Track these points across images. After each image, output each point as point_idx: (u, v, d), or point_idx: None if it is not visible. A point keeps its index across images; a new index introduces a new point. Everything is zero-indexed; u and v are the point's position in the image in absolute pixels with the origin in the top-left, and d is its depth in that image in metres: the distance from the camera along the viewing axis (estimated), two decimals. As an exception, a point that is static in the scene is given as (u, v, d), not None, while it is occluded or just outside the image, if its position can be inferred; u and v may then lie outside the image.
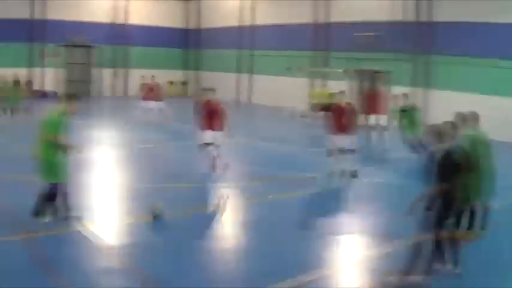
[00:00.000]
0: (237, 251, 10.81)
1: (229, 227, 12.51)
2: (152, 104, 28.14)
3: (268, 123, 32.62)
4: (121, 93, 45.18)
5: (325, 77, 35.70)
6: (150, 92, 28.51)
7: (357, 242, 11.33)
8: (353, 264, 9.96)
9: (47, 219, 11.37)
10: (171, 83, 47.21)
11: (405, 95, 21.04)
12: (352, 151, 16.85)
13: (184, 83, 48.20)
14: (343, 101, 17.22)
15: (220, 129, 17.01)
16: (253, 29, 42.39)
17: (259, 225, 12.11)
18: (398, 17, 30.76)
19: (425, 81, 30.26)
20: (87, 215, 12.20)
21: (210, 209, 13.56)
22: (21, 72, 40.35)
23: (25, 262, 9.40)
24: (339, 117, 16.87)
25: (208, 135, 17.05)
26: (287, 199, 14.57)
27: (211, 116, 17.12)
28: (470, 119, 10.72)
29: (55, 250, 10.06)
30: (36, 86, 41.49)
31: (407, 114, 20.32)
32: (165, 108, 27.95)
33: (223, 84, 43.93)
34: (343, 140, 16.73)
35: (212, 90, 17.97)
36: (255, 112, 39.34)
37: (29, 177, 12.25)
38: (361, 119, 20.60)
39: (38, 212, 11.34)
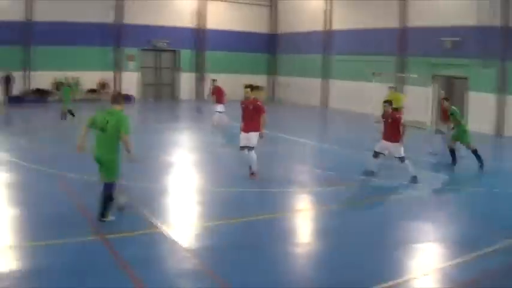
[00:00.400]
0: (312, 258, 10.72)
1: (303, 233, 12.43)
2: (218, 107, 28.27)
3: (344, 128, 32.36)
4: (203, 96, 45.62)
5: (403, 82, 35.22)
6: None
7: (435, 250, 11.05)
8: (431, 273, 9.78)
9: (110, 218, 11.67)
10: (257, 87, 47.57)
11: (445, 99, 20.60)
12: (400, 159, 16.88)
13: (259, 87, 48.31)
14: (391, 110, 17.19)
15: (255, 130, 16.45)
16: (331, 34, 42.25)
17: (334, 232, 11.99)
18: (476, 21, 30.13)
19: (503, 87, 29.53)
20: (164, 217, 12.44)
21: (284, 214, 13.53)
22: (107, 76, 41.82)
23: (105, 262, 9.61)
24: (384, 124, 17.26)
25: (243, 138, 16.65)
26: (363, 206, 14.43)
27: (246, 115, 16.71)
28: None
29: (133, 251, 10.24)
30: (122, 90, 42.59)
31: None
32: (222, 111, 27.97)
33: (301, 89, 44.26)
34: (385, 146, 17.14)
35: (248, 87, 16.96)
36: (332, 117, 39.18)
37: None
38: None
39: (103, 213, 11.63)
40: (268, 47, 49.06)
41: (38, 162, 17.50)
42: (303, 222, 13.24)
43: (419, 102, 31.34)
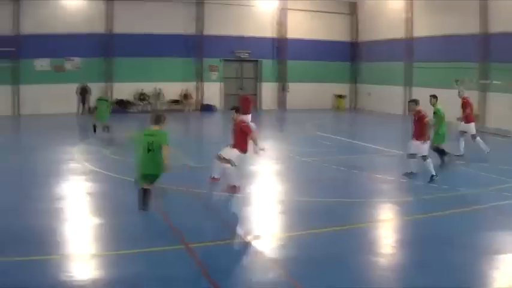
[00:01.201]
0: (395, 268, 10.58)
1: (387, 243, 12.21)
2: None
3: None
4: (284, 106, 45.72)
5: (486, 89, 34.43)
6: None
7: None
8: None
9: None
10: (339, 96, 47.34)
11: (433, 97, 20.27)
12: (422, 158, 17.56)
13: (343, 96, 48.00)
14: (416, 108, 17.93)
15: (239, 148, 15.72)
16: (412, 41, 41.55)
17: (418, 242, 11.83)
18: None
19: None
20: (248, 226, 12.49)
21: (367, 224, 13.39)
22: (190, 86, 42.53)
23: (188, 271, 9.78)
24: (412, 123, 18.17)
25: (224, 149, 16.03)
26: (447, 215, 14.10)
27: (233, 135, 16.11)
28: None
29: (217, 260, 10.38)
30: (204, 100, 43.25)
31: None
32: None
33: (383, 97, 43.76)
34: (412, 145, 17.91)
35: (233, 109, 16.30)
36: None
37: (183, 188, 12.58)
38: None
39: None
40: (350, 56, 48.64)
41: (122, 172, 17.87)
42: (387, 232, 13.08)
43: (503, 110, 30.68)
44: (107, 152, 22.53)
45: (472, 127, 22.18)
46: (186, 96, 42.43)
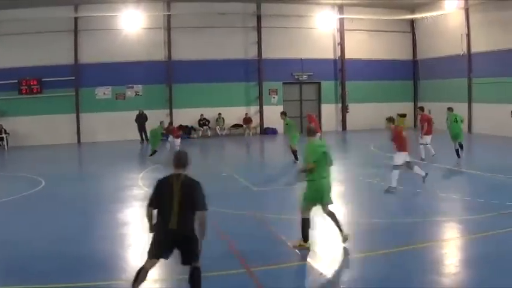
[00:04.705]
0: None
1: (451, 263, 11.68)
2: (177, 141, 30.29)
3: (492, 152, 30.88)
4: (345, 127, 45.58)
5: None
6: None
7: None
8: None
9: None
10: (402, 115, 46.62)
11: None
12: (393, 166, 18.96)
13: (403, 115, 47.24)
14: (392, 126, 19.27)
15: None
16: (471, 57, 40.72)
17: (484, 261, 11.39)
18: None
19: None
20: (310, 249, 12.35)
21: (431, 243, 13.02)
22: (250, 110, 42.76)
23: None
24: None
25: None
26: (507, 234, 13.57)
27: None
28: None
29: (279, 283, 10.31)
30: (265, 124, 43.39)
31: None
32: None
33: (443, 114, 42.93)
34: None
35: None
36: (477, 141, 37.47)
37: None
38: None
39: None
40: (410, 74, 48.05)
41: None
42: (451, 251, 12.67)
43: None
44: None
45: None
46: (246, 120, 42.64)
